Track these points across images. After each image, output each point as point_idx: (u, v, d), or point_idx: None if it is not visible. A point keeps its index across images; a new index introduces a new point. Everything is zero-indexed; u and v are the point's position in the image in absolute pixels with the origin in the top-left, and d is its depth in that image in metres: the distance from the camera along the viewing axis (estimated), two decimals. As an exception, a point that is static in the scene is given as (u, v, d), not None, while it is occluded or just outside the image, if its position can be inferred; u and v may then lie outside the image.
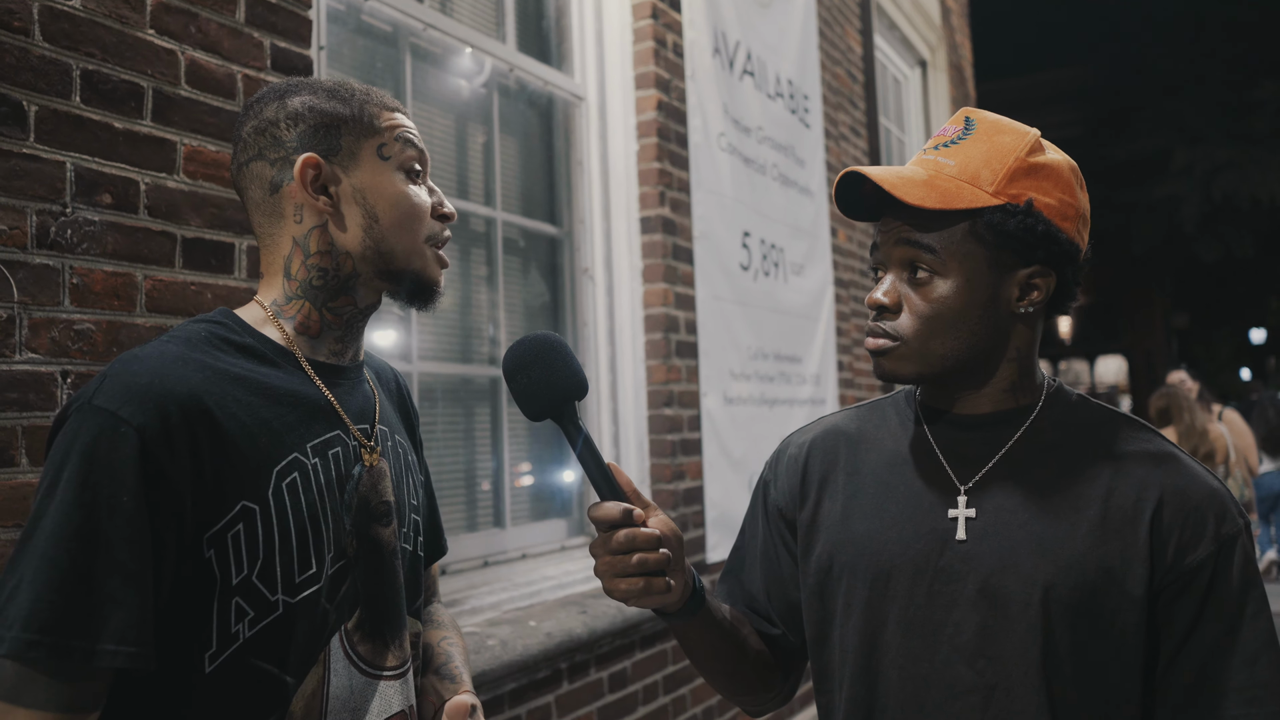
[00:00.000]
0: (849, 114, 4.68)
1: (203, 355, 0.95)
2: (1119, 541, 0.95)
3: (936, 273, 0.98)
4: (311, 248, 1.02)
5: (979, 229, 0.97)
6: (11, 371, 1.34)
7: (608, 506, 0.93)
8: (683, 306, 3.03)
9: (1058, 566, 0.95)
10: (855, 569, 1.04)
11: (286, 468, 0.95)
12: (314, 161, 1.00)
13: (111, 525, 0.83)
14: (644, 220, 2.96)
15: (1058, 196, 0.99)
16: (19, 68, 1.38)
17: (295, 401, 0.99)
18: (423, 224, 1.05)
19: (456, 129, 2.65)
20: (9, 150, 1.36)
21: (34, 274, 1.38)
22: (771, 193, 3.68)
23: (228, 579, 0.90)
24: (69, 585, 0.81)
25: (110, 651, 0.82)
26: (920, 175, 0.99)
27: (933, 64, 6.28)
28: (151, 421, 0.86)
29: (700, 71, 3.21)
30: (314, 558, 0.96)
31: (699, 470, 3.05)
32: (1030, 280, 0.99)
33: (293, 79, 1.06)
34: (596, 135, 2.99)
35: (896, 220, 1.00)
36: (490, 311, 2.69)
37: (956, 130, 1.03)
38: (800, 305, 3.85)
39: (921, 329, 0.99)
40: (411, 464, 1.15)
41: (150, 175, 1.54)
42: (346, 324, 1.06)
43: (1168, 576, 0.95)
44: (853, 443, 1.12)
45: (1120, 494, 0.97)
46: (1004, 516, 0.99)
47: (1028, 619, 0.95)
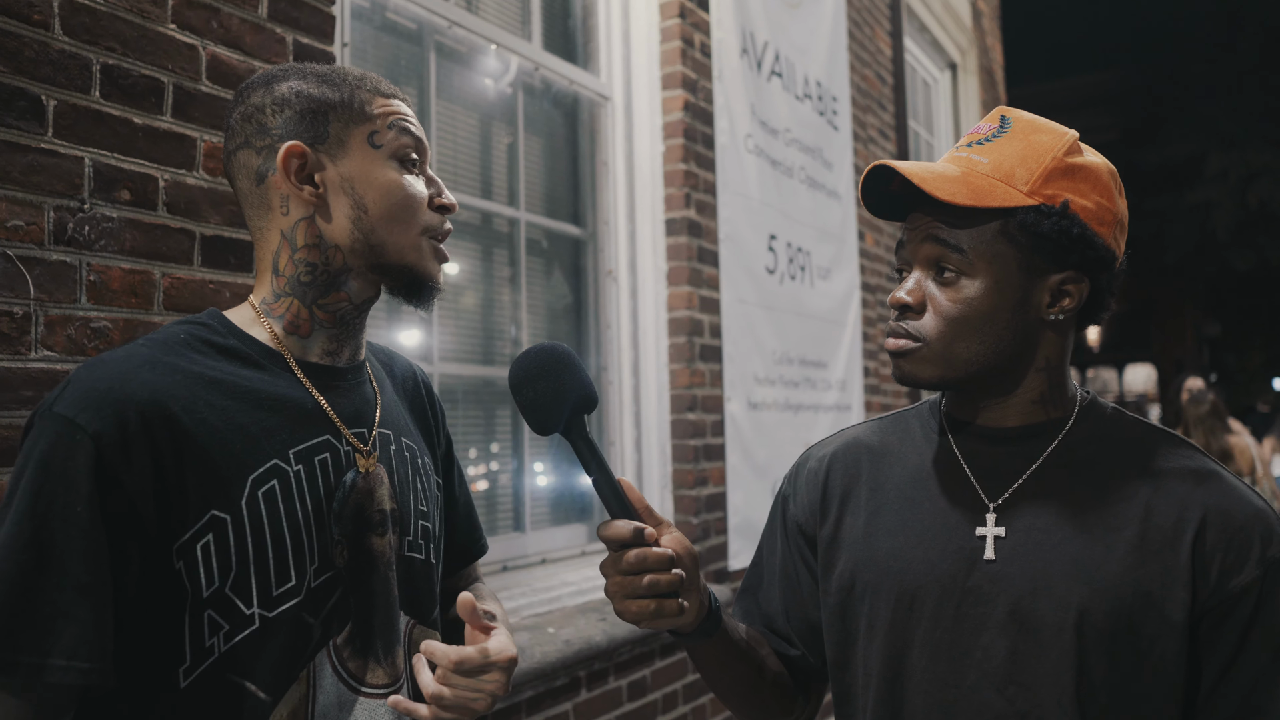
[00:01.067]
0: (878, 116, 4.62)
1: (175, 359, 0.91)
2: (1158, 564, 0.90)
3: (964, 273, 0.94)
4: (299, 241, 0.97)
5: (1011, 229, 0.93)
6: (27, 369, 1.32)
7: (618, 525, 0.89)
8: (707, 310, 2.98)
9: (1093, 589, 0.90)
10: (879, 589, 1.00)
11: (264, 475, 0.91)
12: (298, 150, 0.96)
13: (65, 537, 0.80)
14: (669, 222, 2.92)
15: (1095, 200, 0.94)
16: (39, 61, 1.36)
17: (279, 405, 0.94)
18: (416, 215, 0.99)
19: (481, 128, 2.62)
20: (27, 145, 1.34)
21: (51, 271, 1.36)
22: (798, 195, 3.63)
23: (198, 591, 0.86)
24: (16, 598, 0.78)
25: (61, 667, 0.78)
26: (952, 171, 0.94)
27: (963, 67, 6.20)
28: (108, 428, 0.83)
29: (728, 72, 3.17)
30: (294, 570, 0.91)
31: (722, 476, 3.00)
32: (1062, 286, 0.95)
33: (287, 65, 1.02)
34: (622, 136, 2.96)
35: (926, 217, 0.96)
36: (513, 313, 2.66)
37: (991, 128, 0.98)
38: (826, 310, 3.80)
39: (945, 330, 0.94)
40: (421, 467, 1.09)
41: (169, 172, 1.52)
42: (340, 321, 1.01)
43: (1210, 601, 0.90)
44: (875, 456, 1.07)
45: (1159, 513, 0.92)
46: (1035, 536, 0.94)
47: (1061, 644, 0.90)
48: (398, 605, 1.01)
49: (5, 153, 1.31)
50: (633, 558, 0.88)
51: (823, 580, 1.06)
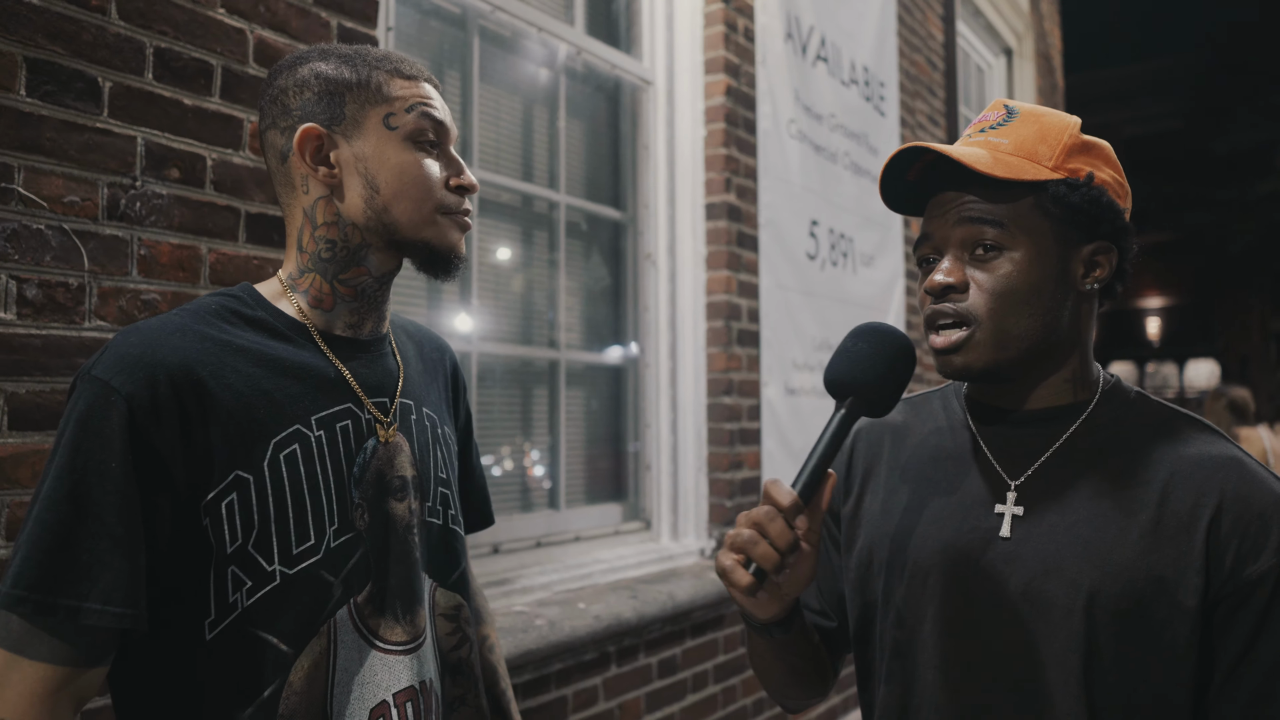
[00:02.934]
0: (927, 103, 4.57)
1: (206, 327, 0.95)
2: (1172, 548, 0.90)
3: (1005, 247, 0.93)
4: (318, 219, 1.01)
5: (1044, 202, 0.94)
6: (81, 338, 1.39)
7: (785, 487, 0.89)
8: (745, 294, 3.00)
9: (1104, 572, 0.90)
10: (894, 564, 1.01)
11: (286, 439, 0.95)
12: (313, 132, 0.98)
13: (101, 491, 0.85)
14: (709, 206, 2.94)
15: (1110, 174, 0.97)
16: (96, 45, 1.42)
17: (303, 374, 0.98)
18: (430, 195, 1.01)
19: (523, 112, 2.66)
20: (84, 124, 1.41)
21: (104, 244, 1.43)
22: (842, 181, 3.62)
23: (222, 548, 0.91)
24: (57, 546, 0.84)
25: (96, 611, 0.83)
26: (980, 151, 0.95)
27: (1019, 52, 6.09)
28: (140, 391, 0.87)
29: (771, 57, 3.16)
30: (313, 529, 0.95)
31: (757, 460, 3.02)
32: (1094, 257, 0.96)
33: (317, 46, 1.05)
34: (664, 120, 2.98)
35: (960, 196, 0.95)
36: (552, 295, 2.70)
37: (998, 116, 1.00)
38: (868, 297, 3.78)
39: (995, 306, 0.93)
40: (442, 436, 1.13)
41: (217, 151, 1.58)
42: (361, 295, 1.04)
43: (1225, 588, 0.89)
44: (898, 435, 1.08)
45: (1177, 498, 0.91)
46: (1051, 517, 0.94)
47: (1070, 626, 0.90)
48: (420, 567, 1.05)
49: (63, 132, 1.38)
50: (761, 514, 0.88)
51: (845, 556, 1.08)
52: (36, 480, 1.32)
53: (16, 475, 1.31)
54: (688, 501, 2.89)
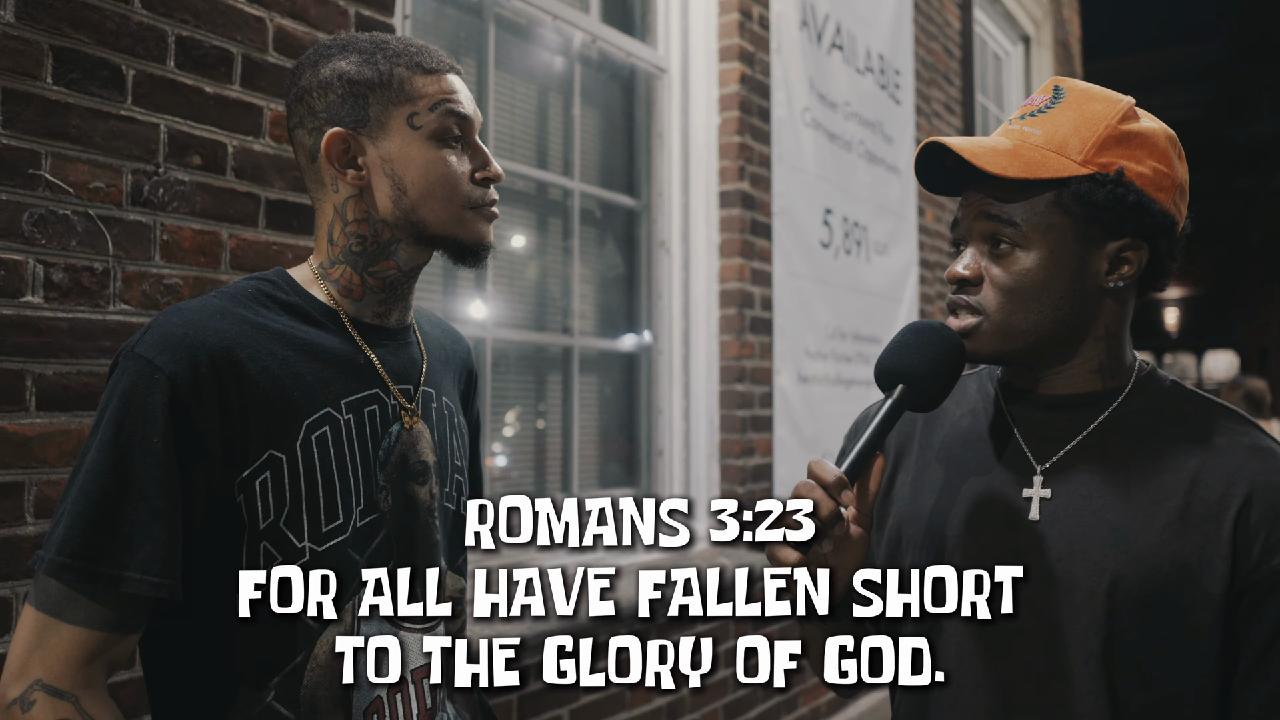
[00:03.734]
0: (943, 90, 4.55)
1: (244, 310, 0.98)
2: (1199, 536, 0.90)
3: (1018, 245, 0.94)
4: (349, 216, 1.03)
5: (1065, 199, 0.93)
6: (105, 321, 1.42)
7: (830, 465, 0.90)
8: (759, 282, 3.01)
9: (1129, 557, 0.91)
10: (921, 543, 1.02)
11: (317, 421, 0.98)
12: (340, 135, 1.00)
13: (143, 465, 0.88)
14: (723, 194, 2.95)
15: (1152, 165, 0.94)
16: (119, 33, 1.45)
17: (334, 359, 1.01)
18: (455, 192, 1.03)
19: (538, 99, 2.68)
20: (108, 112, 1.43)
21: (128, 230, 1.46)
22: (857, 170, 3.62)
23: (255, 524, 0.94)
24: (100, 516, 0.87)
25: (136, 579, 0.87)
26: (1004, 145, 0.95)
27: (1037, 40, 6.05)
28: (182, 370, 0.90)
29: (786, 45, 3.17)
30: (341, 509, 0.98)
31: (769, 448, 3.04)
32: (1120, 254, 0.95)
33: (338, 37, 1.06)
34: (678, 108, 2.99)
35: (979, 192, 0.97)
36: (566, 281, 2.72)
37: (1045, 99, 0.99)
38: (882, 285, 3.79)
39: (1003, 302, 0.95)
40: (458, 426, 1.16)
41: (237, 138, 1.61)
42: (389, 287, 1.06)
43: (1251, 578, 0.89)
44: (931, 416, 1.08)
45: (1206, 486, 0.92)
46: (1078, 501, 0.95)
47: (1092, 608, 0.91)
48: (438, 550, 1.08)
49: (89, 119, 1.41)
50: (802, 486, 0.89)
51: (875, 534, 1.08)
52: (64, 459, 1.36)
53: (44, 454, 1.35)
54: (699, 487, 2.91)
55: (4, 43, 1.32)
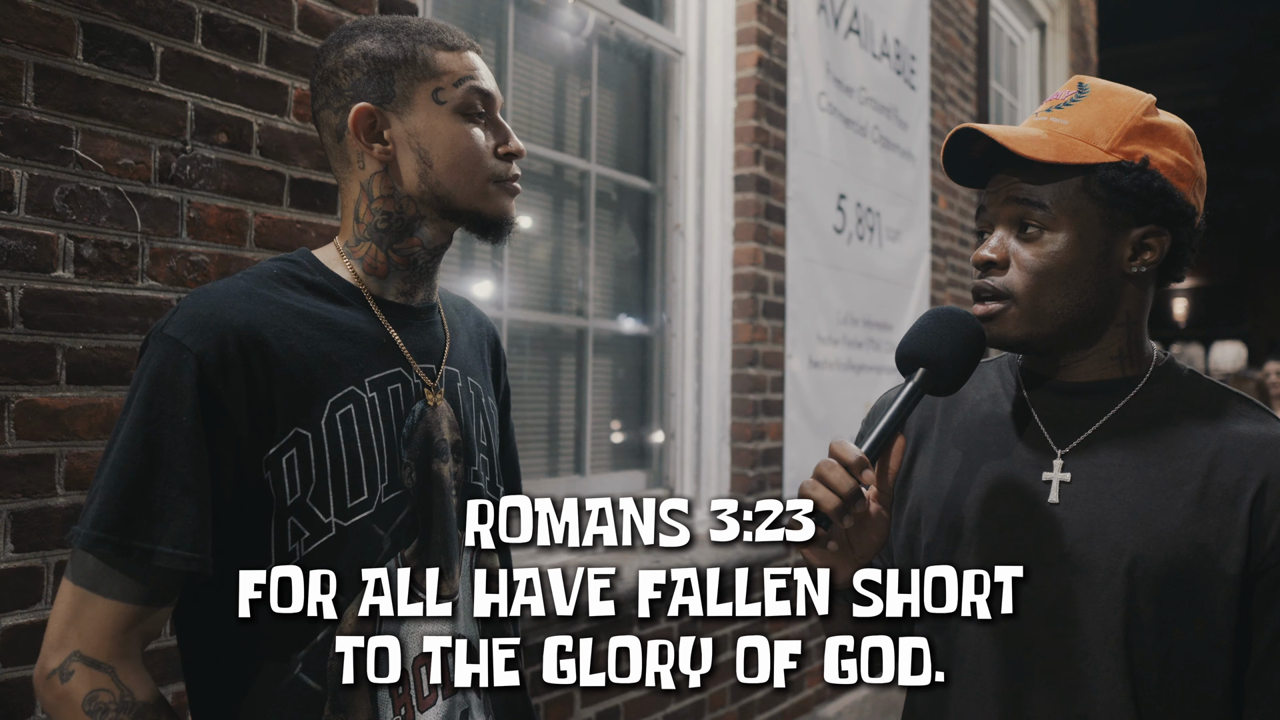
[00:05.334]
0: (958, 77, 4.54)
1: (269, 291, 1.00)
2: (1216, 519, 0.93)
3: (1047, 228, 0.97)
4: (375, 192, 1.05)
5: (1092, 185, 0.96)
6: (134, 296, 1.44)
7: (851, 445, 0.92)
8: (772, 267, 3.02)
9: (1148, 538, 0.93)
10: (941, 523, 1.04)
11: (342, 399, 1.00)
12: (367, 110, 1.02)
13: (172, 442, 0.90)
14: (738, 178, 2.95)
15: (1174, 156, 0.97)
16: (148, 10, 1.46)
17: (358, 337, 1.03)
18: (480, 165, 1.05)
19: (556, 81, 2.68)
20: (137, 89, 1.45)
21: (155, 206, 1.47)
22: (871, 155, 3.61)
23: (283, 500, 0.96)
24: (133, 492, 0.89)
25: (168, 553, 0.89)
26: (1035, 132, 0.98)
27: (1053, 26, 6.01)
28: (210, 349, 0.92)
29: (803, 29, 3.16)
30: (366, 485, 1.00)
31: (779, 431, 3.06)
32: (1144, 240, 0.97)
33: (360, 19, 1.08)
34: (695, 91, 2.99)
35: (1010, 177, 0.99)
36: (581, 263, 2.74)
37: (1070, 94, 1.01)
38: (894, 271, 3.79)
39: (1031, 284, 0.97)
40: (485, 405, 1.17)
41: (263, 116, 1.62)
42: (413, 264, 1.08)
43: (1268, 560, 0.92)
44: (951, 401, 1.10)
45: (1223, 471, 0.94)
46: (1098, 485, 0.97)
47: (1111, 588, 0.94)
48: (456, 526, 1.10)
49: (118, 96, 1.42)
50: (822, 464, 0.91)
51: (894, 515, 1.10)
52: (93, 432, 1.38)
53: (74, 427, 1.37)
54: (710, 470, 2.93)
55: (36, 19, 1.34)
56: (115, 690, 0.88)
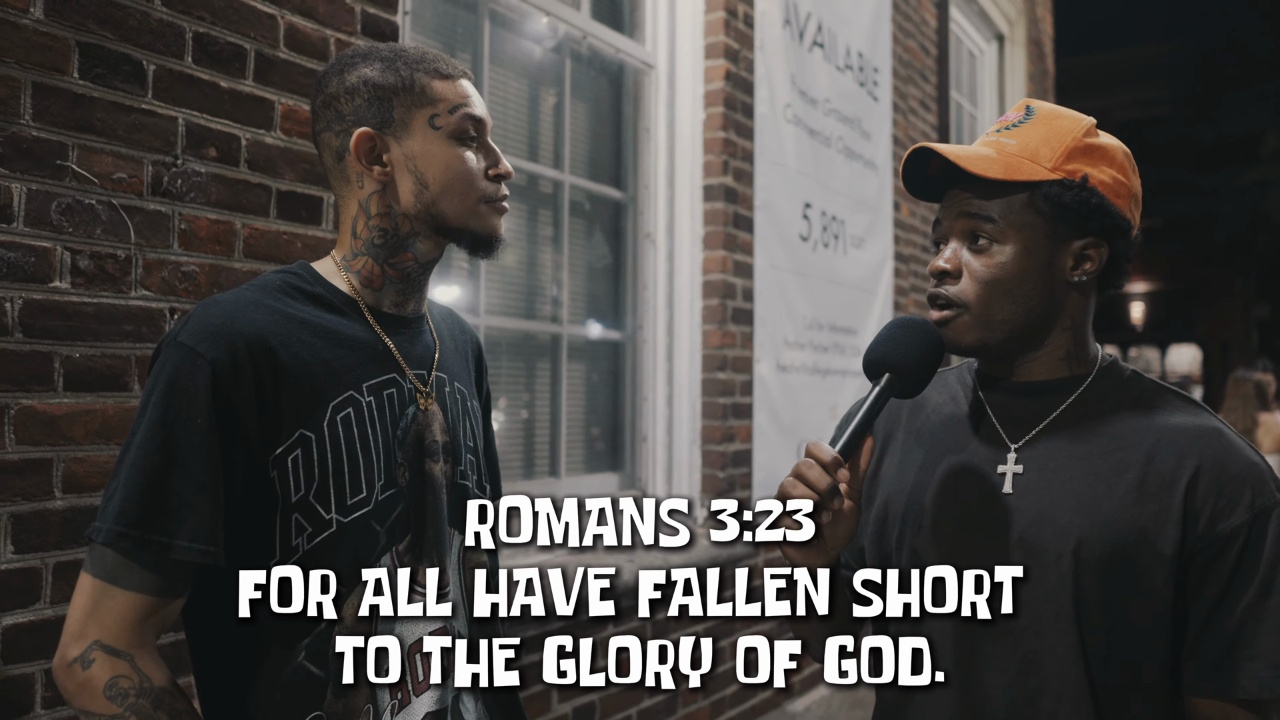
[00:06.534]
0: (919, 88, 4.66)
1: (274, 301, 1.07)
2: (1155, 504, 1.02)
3: (996, 240, 1.05)
4: (372, 210, 1.12)
5: (1037, 201, 1.04)
6: (128, 305, 1.49)
7: (825, 446, 1.00)
8: (741, 274, 3.10)
9: (1093, 523, 1.02)
10: (908, 516, 1.13)
11: (342, 403, 1.06)
12: (367, 135, 1.09)
13: (187, 442, 0.97)
14: (707, 188, 3.04)
15: (1111, 175, 1.06)
16: (141, 29, 1.51)
17: (355, 345, 1.10)
18: (473, 187, 1.13)
19: (530, 93, 2.75)
20: (131, 105, 1.50)
21: (148, 219, 1.52)
22: (835, 165, 3.72)
23: (288, 497, 1.02)
24: (152, 490, 0.95)
25: (184, 547, 0.95)
26: (986, 151, 1.07)
27: (1010, 38, 6.18)
28: (222, 356, 0.99)
29: (769, 42, 3.26)
30: (364, 483, 1.07)
31: (749, 434, 3.14)
32: (1084, 251, 1.07)
33: (358, 47, 1.15)
34: (664, 103, 3.07)
35: (963, 192, 1.07)
36: (555, 271, 2.80)
37: (1018, 116, 1.11)
38: (858, 278, 3.90)
39: (983, 293, 1.06)
40: (471, 409, 1.24)
41: (251, 131, 1.68)
42: (407, 277, 1.15)
43: (1200, 542, 1.01)
44: (915, 404, 1.19)
45: (1161, 460, 1.03)
46: (1047, 475, 1.06)
47: (1061, 569, 1.02)
48: (446, 522, 1.17)
49: (113, 112, 1.47)
50: (801, 464, 0.99)
51: (864, 513, 1.19)
52: (89, 437, 1.43)
53: (71, 433, 1.42)
54: (681, 472, 3.01)
55: (34, 39, 1.39)
56: (134, 676, 0.94)
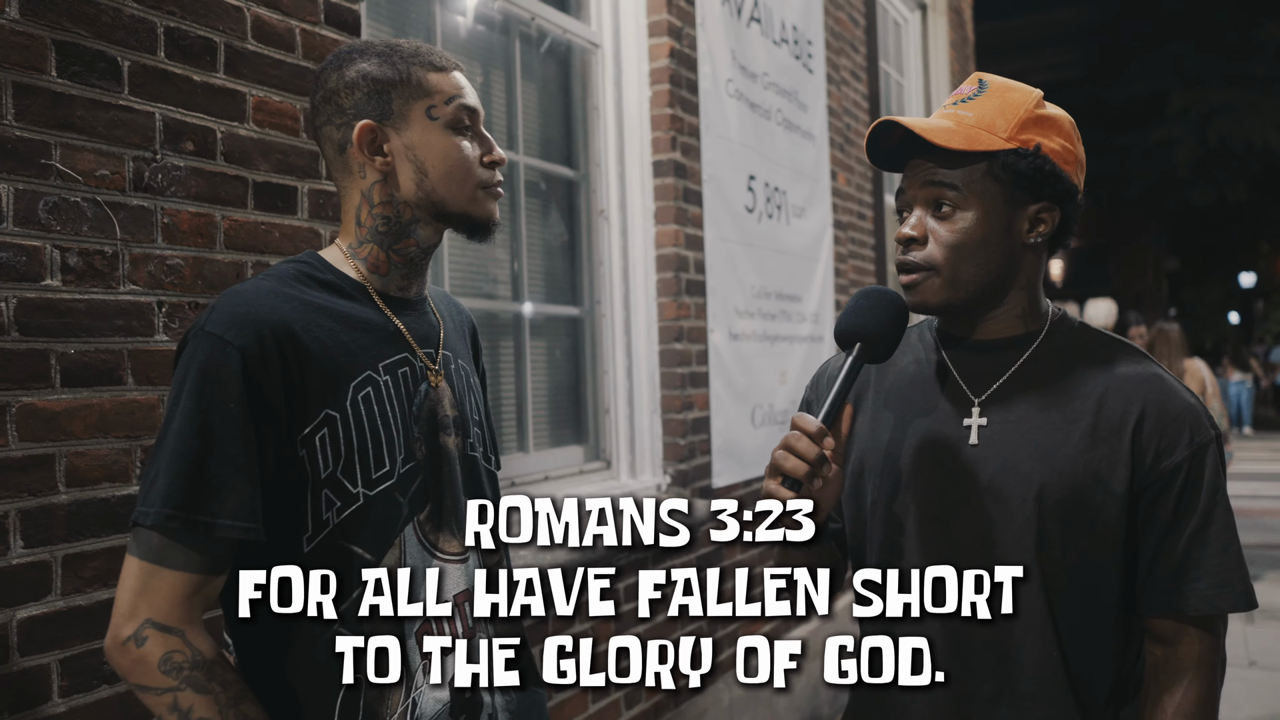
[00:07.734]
0: (850, 58, 4.79)
1: (291, 289, 1.12)
2: (1106, 448, 1.13)
3: (958, 206, 1.14)
4: (375, 199, 1.18)
5: (995, 169, 1.14)
6: (118, 301, 1.51)
7: (810, 417, 1.09)
8: (692, 247, 3.19)
9: (1051, 469, 1.13)
10: (882, 471, 1.22)
11: (361, 382, 1.13)
12: (369, 127, 1.15)
13: (223, 427, 1.02)
14: (656, 164, 3.11)
15: (1060, 143, 1.17)
16: (114, 26, 1.52)
17: (369, 328, 1.16)
18: (470, 174, 1.19)
19: (483, 76, 2.78)
20: (109, 102, 1.51)
21: (132, 214, 1.54)
22: (775, 137, 3.82)
23: (317, 474, 1.09)
24: (194, 473, 1.01)
25: (228, 525, 1.01)
26: (945, 124, 1.16)
27: (933, 7, 6.35)
28: (250, 343, 1.04)
29: (710, 19, 3.33)
30: (387, 458, 1.13)
31: (706, 402, 3.25)
32: (1039, 215, 1.17)
33: (354, 44, 1.20)
34: (612, 82, 3.13)
35: (926, 162, 1.16)
36: (513, 250, 2.86)
37: (971, 89, 1.20)
38: (801, 246, 4.02)
39: (950, 256, 1.14)
40: (473, 385, 1.32)
41: (225, 124, 1.70)
42: (410, 262, 1.22)
43: (1148, 478, 1.12)
44: (882, 366, 1.28)
45: (1110, 407, 1.14)
46: (1009, 427, 1.17)
47: (1024, 513, 1.13)
48: (462, 492, 1.24)
49: (92, 109, 1.49)
50: (790, 436, 1.08)
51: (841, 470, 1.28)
52: (89, 431, 1.46)
53: (71, 428, 1.44)
54: (644, 441, 3.10)
55: (11, 38, 1.39)
56: (187, 650, 1.00)
